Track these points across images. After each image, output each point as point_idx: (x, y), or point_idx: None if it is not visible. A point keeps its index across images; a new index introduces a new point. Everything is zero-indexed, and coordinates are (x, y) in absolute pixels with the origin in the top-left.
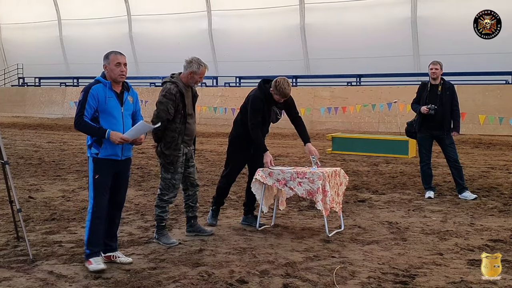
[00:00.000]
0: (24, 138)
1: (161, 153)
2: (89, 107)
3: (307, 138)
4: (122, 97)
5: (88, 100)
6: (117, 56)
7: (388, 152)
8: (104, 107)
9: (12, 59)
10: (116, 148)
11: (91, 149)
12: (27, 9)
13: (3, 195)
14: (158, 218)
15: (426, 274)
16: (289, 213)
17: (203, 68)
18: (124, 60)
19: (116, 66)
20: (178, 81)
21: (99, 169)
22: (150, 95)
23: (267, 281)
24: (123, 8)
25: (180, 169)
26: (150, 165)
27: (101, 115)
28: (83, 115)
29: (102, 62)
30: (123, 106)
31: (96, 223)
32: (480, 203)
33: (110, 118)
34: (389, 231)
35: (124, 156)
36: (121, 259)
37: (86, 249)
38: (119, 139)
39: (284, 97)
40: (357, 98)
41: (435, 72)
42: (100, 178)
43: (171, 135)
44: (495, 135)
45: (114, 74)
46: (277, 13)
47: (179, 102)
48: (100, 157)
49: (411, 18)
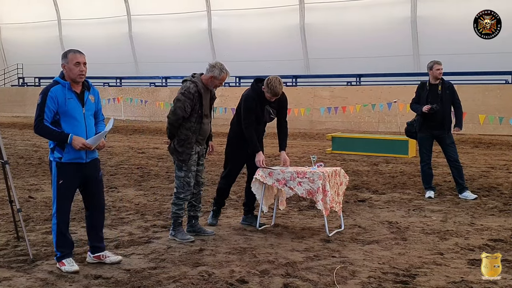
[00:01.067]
0: (24, 138)
1: (174, 150)
2: (49, 110)
3: (284, 146)
4: (83, 97)
5: (47, 103)
6: (76, 55)
7: (388, 152)
8: (64, 109)
9: (12, 59)
10: (79, 151)
11: (53, 153)
12: (27, 9)
13: (3, 195)
14: (175, 215)
15: (426, 273)
16: (289, 212)
17: (225, 74)
18: (84, 59)
19: (75, 66)
20: (198, 81)
21: (63, 174)
22: (149, 95)
23: (267, 281)
24: (123, 8)
25: (193, 167)
26: (150, 165)
27: (62, 118)
28: (43, 119)
29: (61, 62)
30: (85, 107)
31: (61, 227)
32: (480, 202)
33: (72, 120)
34: (389, 231)
35: (89, 158)
36: (110, 259)
37: (57, 251)
38: (80, 145)
39: (274, 95)
40: (357, 98)
41: (441, 73)
42: (64, 183)
43: (185, 133)
44: (495, 134)
45: (73, 74)
46: (277, 13)
47: (197, 101)
48: (64, 162)
49: (411, 18)
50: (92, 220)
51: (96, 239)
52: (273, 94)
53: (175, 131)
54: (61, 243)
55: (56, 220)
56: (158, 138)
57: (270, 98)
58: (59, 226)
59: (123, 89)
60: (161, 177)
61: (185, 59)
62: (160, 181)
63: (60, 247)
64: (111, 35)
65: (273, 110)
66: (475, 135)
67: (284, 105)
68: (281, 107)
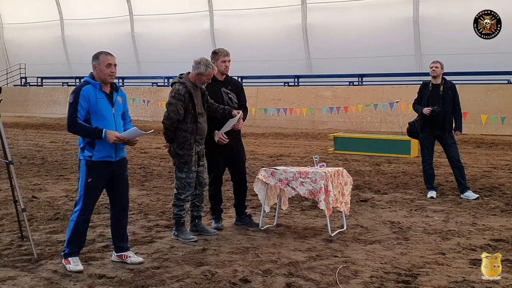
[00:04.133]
0: (27, 138)
1: (174, 154)
2: (82, 109)
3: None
4: (112, 98)
5: (80, 102)
6: (107, 56)
7: (390, 152)
8: (95, 108)
9: (15, 59)
10: (109, 150)
11: (84, 152)
12: (30, 9)
13: (7, 195)
14: (176, 216)
15: (428, 273)
16: (291, 212)
17: (211, 70)
18: (114, 61)
19: (106, 67)
20: (186, 81)
21: (93, 172)
22: (152, 95)
23: (270, 280)
24: (125, 8)
25: (193, 168)
26: (152, 165)
27: (92, 117)
28: (76, 117)
29: (91, 63)
30: (114, 107)
31: (80, 225)
32: (482, 202)
33: (102, 119)
34: (392, 231)
35: (118, 157)
36: (131, 259)
37: (66, 248)
38: (114, 138)
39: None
40: (359, 98)
41: (435, 70)
42: (92, 182)
43: (183, 135)
44: (497, 134)
45: (103, 74)
46: (279, 13)
47: (189, 102)
48: (94, 160)
49: (413, 18)
50: (116, 219)
51: (119, 238)
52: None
53: (172, 135)
54: (74, 241)
55: (76, 217)
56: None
57: (211, 74)
58: (79, 223)
59: (125, 89)
60: (164, 177)
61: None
62: (163, 181)
63: (70, 245)
64: (114, 35)
65: (232, 94)
66: (477, 135)
67: (241, 89)
68: (239, 91)
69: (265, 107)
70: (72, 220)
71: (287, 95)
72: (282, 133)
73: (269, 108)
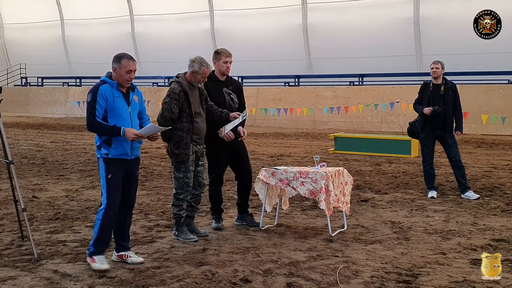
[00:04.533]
0: (27, 138)
1: (171, 153)
2: (100, 107)
3: None
4: (128, 97)
5: (98, 100)
6: (129, 62)
7: (391, 152)
8: (112, 107)
9: (15, 59)
10: (126, 148)
11: (100, 150)
12: (30, 9)
13: (7, 195)
14: (176, 216)
15: (429, 273)
16: (292, 212)
17: (205, 68)
18: (135, 66)
19: (126, 73)
20: (182, 80)
21: (111, 168)
22: (152, 95)
23: (270, 280)
24: (125, 8)
25: (191, 167)
26: (153, 164)
27: (109, 115)
28: (95, 115)
29: (112, 64)
30: (130, 106)
31: (107, 222)
32: (483, 202)
33: (119, 118)
34: (392, 231)
35: (133, 156)
36: (132, 259)
37: (92, 246)
38: (133, 135)
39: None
40: (359, 98)
41: (435, 71)
42: (112, 177)
43: (179, 134)
44: (498, 134)
45: (122, 79)
46: (280, 13)
47: (184, 101)
48: (111, 157)
49: (414, 18)
50: (120, 217)
51: (120, 237)
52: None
53: (168, 134)
54: (100, 239)
55: (103, 215)
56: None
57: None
58: (105, 221)
59: None
60: (164, 177)
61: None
62: (163, 181)
63: (96, 243)
64: (114, 35)
65: (233, 95)
66: (478, 135)
67: (241, 89)
68: (239, 92)
69: (266, 107)
70: (98, 219)
71: (287, 95)
72: (282, 133)
73: (269, 108)
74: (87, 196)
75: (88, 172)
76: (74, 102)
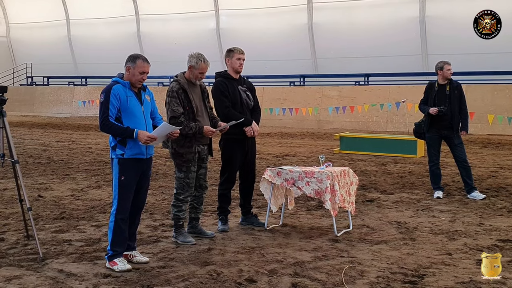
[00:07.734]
0: (33, 137)
1: (176, 154)
2: (113, 107)
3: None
4: (141, 97)
5: (111, 100)
6: (144, 64)
7: (397, 152)
8: (126, 107)
9: (21, 59)
10: (141, 147)
11: (115, 151)
12: (36, 9)
13: (13, 194)
14: (175, 217)
15: (435, 274)
16: (297, 212)
17: (202, 63)
18: (149, 69)
19: (140, 74)
20: (181, 78)
21: (125, 170)
22: (157, 94)
23: (275, 280)
24: (131, 8)
25: (193, 168)
26: (158, 164)
27: (123, 115)
28: (108, 116)
29: (126, 63)
30: (143, 105)
31: (119, 224)
32: (489, 203)
33: (133, 117)
34: (398, 231)
35: (148, 155)
36: (137, 258)
37: (110, 250)
38: (146, 138)
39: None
40: (365, 98)
41: (451, 73)
42: (125, 180)
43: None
44: (504, 134)
45: (134, 79)
46: (285, 12)
47: (183, 98)
48: (126, 158)
49: (420, 17)
50: (130, 217)
51: (129, 237)
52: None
53: (187, 127)
54: (117, 242)
55: (114, 218)
56: None
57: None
58: (118, 223)
59: None
60: (169, 176)
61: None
62: (168, 181)
63: (114, 246)
64: (119, 34)
65: (248, 91)
66: (484, 135)
67: (254, 89)
68: (252, 92)
69: (271, 107)
70: (111, 221)
71: (292, 95)
72: (287, 133)
73: (274, 108)
74: (92, 195)
75: (94, 171)
76: (80, 101)
